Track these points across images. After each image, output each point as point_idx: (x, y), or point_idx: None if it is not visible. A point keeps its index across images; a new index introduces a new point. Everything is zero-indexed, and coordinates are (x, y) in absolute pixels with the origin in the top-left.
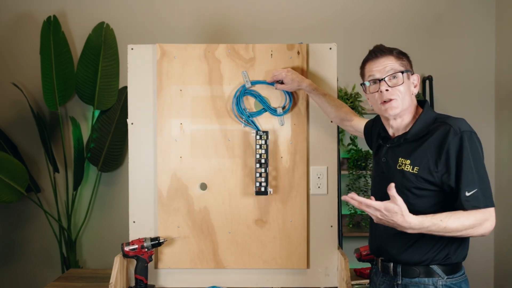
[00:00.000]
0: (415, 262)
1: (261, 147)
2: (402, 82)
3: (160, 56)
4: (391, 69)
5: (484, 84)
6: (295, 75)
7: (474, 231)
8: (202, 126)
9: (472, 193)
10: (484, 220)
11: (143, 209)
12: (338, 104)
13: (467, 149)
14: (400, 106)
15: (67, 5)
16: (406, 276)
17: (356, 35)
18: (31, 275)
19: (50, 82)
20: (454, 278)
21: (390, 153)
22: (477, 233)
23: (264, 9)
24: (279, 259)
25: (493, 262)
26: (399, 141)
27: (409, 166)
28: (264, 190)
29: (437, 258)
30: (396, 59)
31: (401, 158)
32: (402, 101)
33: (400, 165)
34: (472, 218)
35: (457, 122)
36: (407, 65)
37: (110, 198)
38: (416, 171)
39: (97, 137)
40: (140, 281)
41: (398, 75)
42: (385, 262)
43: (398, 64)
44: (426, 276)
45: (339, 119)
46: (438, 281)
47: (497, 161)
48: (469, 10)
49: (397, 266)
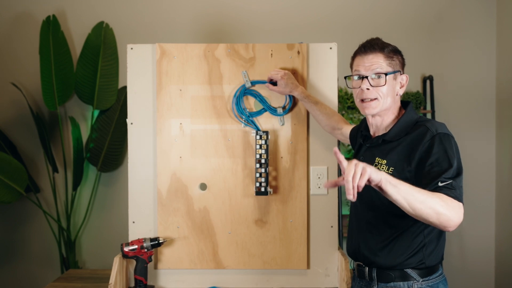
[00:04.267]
0: (389, 266)
1: (261, 147)
2: (384, 84)
3: (160, 56)
4: (377, 68)
5: (485, 84)
6: (290, 80)
7: (444, 210)
8: (202, 126)
9: (445, 184)
10: (455, 207)
11: (142, 209)
12: (329, 113)
13: (444, 146)
14: (379, 107)
15: (67, 5)
16: (381, 281)
17: (356, 35)
18: (30, 276)
19: (49, 82)
20: (430, 280)
21: (368, 152)
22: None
23: (264, 8)
24: (279, 260)
25: (494, 262)
26: (378, 141)
27: (384, 166)
28: (264, 190)
29: (410, 262)
30: (386, 58)
31: (378, 158)
32: (382, 102)
33: (376, 165)
34: (445, 198)
35: (436, 124)
36: (397, 65)
37: (109, 198)
38: (391, 171)
39: (96, 137)
40: (140, 282)
41: (382, 76)
42: (361, 267)
43: (386, 64)
44: (401, 280)
45: (330, 128)
46: (414, 284)
47: (497, 162)
48: (469, 10)
49: (372, 271)
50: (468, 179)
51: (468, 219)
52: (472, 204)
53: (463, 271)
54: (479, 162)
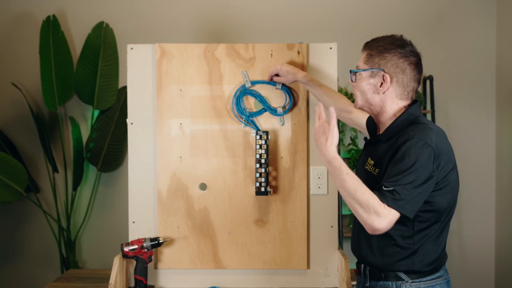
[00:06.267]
0: (379, 266)
1: (261, 147)
2: (354, 81)
3: (160, 56)
4: (356, 66)
5: (485, 83)
6: (289, 67)
7: (362, 212)
8: (202, 126)
9: (388, 189)
10: (376, 212)
11: (142, 209)
12: (335, 95)
13: (409, 151)
14: (359, 102)
15: (67, 5)
16: (372, 279)
17: (356, 35)
18: (30, 276)
19: (49, 82)
20: (423, 282)
21: (365, 151)
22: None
23: (264, 8)
24: (279, 260)
25: (494, 262)
26: (374, 141)
27: (372, 167)
28: (264, 190)
29: (399, 265)
30: (367, 56)
31: (370, 158)
32: (360, 98)
33: (367, 165)
34: (371, 200)
35: (416, 129)
36: (376, 63)
37: (109, 198)
38: (376, 173)
39: (96, 137)
40: (140, 282)
41: (353, 73)
42: (358, 263)
43: (363, 62)
44: (390, 279)
45: (337, 110)
46: (402, 285)
47: (497, 163)
48: (469, 10)
49: (366, 268)
50: (468, 179)
51: (468, 219)
52: (472, 204)
53: (463, 271)
54: (479, 162)
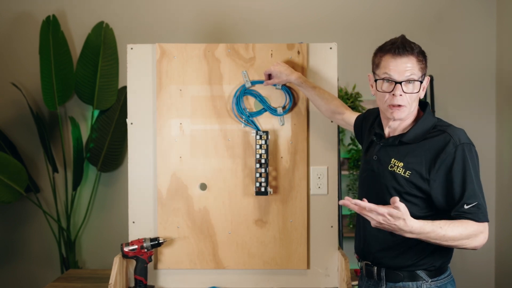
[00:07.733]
0: (398, 266)
1: (261, 147)
2: (417, 91)
3: (160, 56)
4: (411, 74)
5: (485, 83)
6: (283, 67)
7: (469, 242)
8: (202, 126)
9: (471, 206)
10: (479, 233)
11: (142, 210)
12: (328, 97)
13: (467, 162)
14: (407, 112)
15: (66, 5)
16: (390, 281)
17: (356, 35)
18: (30, 276)
19: (49, 82)
20: (439, 281)
21: (383, 152)
22: (471, 245)
23: (264, 8)
24: (279, 260)
25: (494, 262)
26: (394, 142)
27: (401, 169)
28: (264, 190)
29: (422, 263)
30: (417, 61)
31: (394, 159)
32: (410, 107)
33: (392, 166)
34: (470, 228)
35: (457, 132)
36: (425, 67)
37: (109, 198)
38: (408, 175)
39: (96, 137)
40: (140, 282)
41: (416, 83)
42: (369, 266)
43: (417, 69)
44: (410, 280)
45: (330, 112)
46: (423, 285)
47: (497, 163)
48: (469, 10)
49: (381, 270)
50: None
51: None
52: None
53: (463, 271)
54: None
